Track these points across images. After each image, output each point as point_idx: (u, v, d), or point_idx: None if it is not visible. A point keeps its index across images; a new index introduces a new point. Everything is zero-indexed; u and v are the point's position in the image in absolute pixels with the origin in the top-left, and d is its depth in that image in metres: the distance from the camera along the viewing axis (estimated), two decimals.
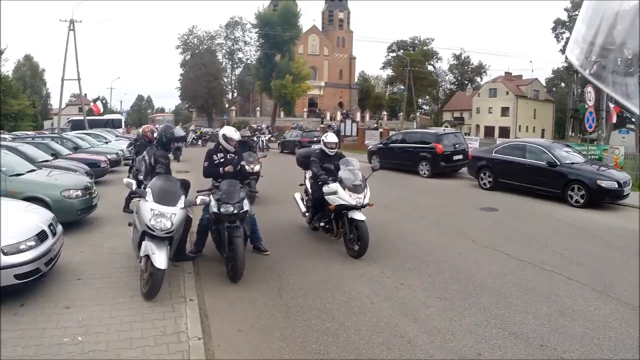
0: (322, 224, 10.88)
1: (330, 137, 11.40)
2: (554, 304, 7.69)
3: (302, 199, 12.44)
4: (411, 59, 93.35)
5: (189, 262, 8.92)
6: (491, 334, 6.52)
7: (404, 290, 8.13)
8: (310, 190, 11.63)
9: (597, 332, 6.70)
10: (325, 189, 10.43)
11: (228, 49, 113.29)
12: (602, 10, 1.79)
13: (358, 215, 9.78)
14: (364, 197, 9.99)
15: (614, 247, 11.49)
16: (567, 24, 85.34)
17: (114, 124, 50.72)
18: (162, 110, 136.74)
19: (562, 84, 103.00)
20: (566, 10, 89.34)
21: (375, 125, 64.67)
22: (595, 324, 6.98)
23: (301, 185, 12.62)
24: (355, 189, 10.00)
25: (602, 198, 16.67)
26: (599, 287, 8.54)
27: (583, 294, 8.23)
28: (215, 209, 8.52)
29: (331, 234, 10.84)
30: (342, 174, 10.32)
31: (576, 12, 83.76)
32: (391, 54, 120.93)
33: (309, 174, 11.85)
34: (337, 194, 10.02)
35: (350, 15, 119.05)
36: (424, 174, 24.52)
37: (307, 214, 11.83)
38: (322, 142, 11.44)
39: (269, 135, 46.32)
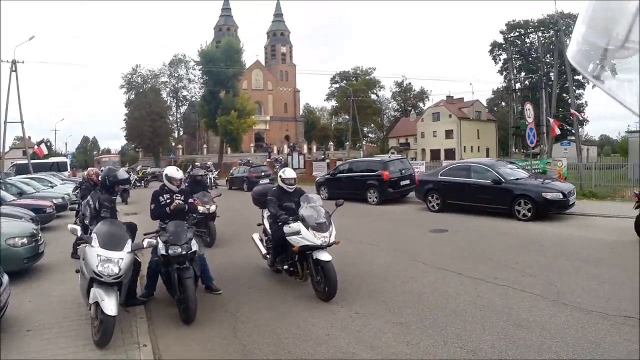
0: (285, 266, 10.12)
1: (288, 173, 10.66)
2: (509, 318, 7.79)
3: (262, 240, 11.67)
4: (354, 89, 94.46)
5: (140, 307, 8.78)
6: (449, 354, 6.57)
7: (359, 319, 8.10)
8: (269, 231, 10.85)
9: (554, 340, 6.84)
10: (286, 229, 9.63)
11: (172, 87, 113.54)
12: (602, 10, 1.81)
13: (323, 256, 9.02)
14: (330, 236, 9.30)
15: (563, 256, 11.88)
16: (503, 45, 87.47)
17: (60, 167, 49.84)
18: (108, 152, 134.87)
19: (503, 103, 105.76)
20: (502, 32, 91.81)
21: (323, 157, 65.16)
22: (551, 332, 7.12)
23: (259, 225, 11.94)
24: (320, 227, 9.29)
25: (548, 209, 17.28)
26: (552, 296, 8.75)
27: (537, 304, 8.40)
28: (163, 251, 8.44)
29: (296, 277, 10.05)
30: (303, 211, 9.64)
31: (511, 34, 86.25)
32: (334, 85, 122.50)
33: (267, 212, 11.20)
34: (300, 234, 9.29)
35: (292, 49, 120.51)
36: (373, 201, 24.77)
37: (268, 256, 11.00)
38: (279, 179, 10.69)
39: (216, 172, 46.20)
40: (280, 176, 10.69)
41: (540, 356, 6.35)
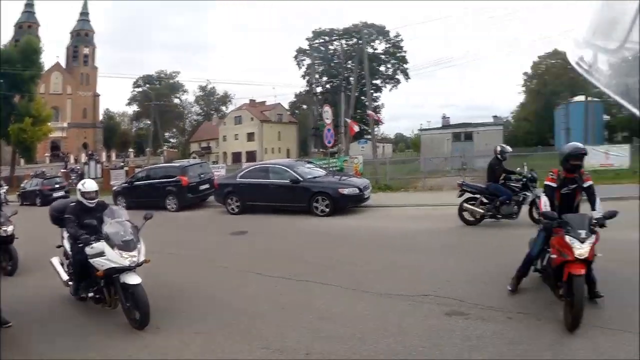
0: (90, 293, 8.44)
1: (88, 185, 8.99)
2: (313, 312, 7.96)
3: (62, 264, 9.74)
4: (157, 93, 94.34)
5: None
6: (255, 356, 6.52)
7: (160, 334, 7.62)
8: (70, 253, 9.19)
9: (357, 327, 7.11)
10: (88, 250, 8.15)
11: None
12: (602, 10, 1.83)
13: (132, 279, 7.77)
14: (139, 254, 8.06)
15: (361, 246, 12.78)
16: (307, 52, 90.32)
17: None
18: None
19: (305, 106, 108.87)
20: (307, 39, 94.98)
21: (122, 164, 64.10)
22: (354, 320, 7.41)
23: (59, 247, 9.91)
24: (127, 246, 7.97)
25: (345, 204, 18.73)
26: (352, 286, 9.10)
27: (338, 295, 8.71)
28: None
29: (103, 304, 8.45)
30: (107, 228, 8.16)
31: (316, 41, 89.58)
32: (137, 89, 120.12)
33: (66, 232, 9.34)
34: (105, 256, 7.87)
35: (95, 50, 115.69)
36: (172, 207, 24.56)
37: (70, 283, 9.11)
38: (78, 193, 8.98)
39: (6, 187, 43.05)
40: (79, 190, 9.00)
41: (346, 344, 6.54)
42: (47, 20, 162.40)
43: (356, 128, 39.74)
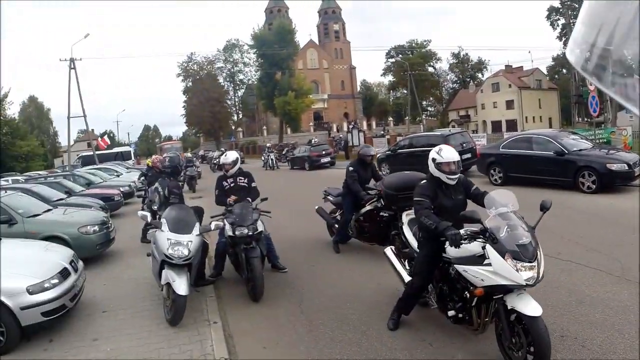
0: (451, 312, 6.11)
1: (447, 154, 6.35)
2: (572, 294, 7.61)
3: (399, 257, 7.72)
4: (410, 63, 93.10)
5: (209, 286, 9.08)
6: None
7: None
8: (413, 245, 7.11)
9: (617, 317, 6.66)
10: (452, 251, 5.90)
11: (228, 72, 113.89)
12: (602, 10, 1.79)
13: (528, 307, 5.19)
14: (539, 267, 5.31)
15: (629, 230, 11.24)
16: (561, 10, 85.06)
17: (124, 157, 51.10)
18: (169, 138, 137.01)
19: (564, 70, 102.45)
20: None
21: (382, 133, 64.71)
22: (614, 309, 6.92)
23: (394, 234, 9.52)
24: (523, 254, 5.21)
25: (613, 181, 16.59)
26: (616, 272, 8.46)
27: (600, 280, 8.15)
28: (230, 233, 8.67)
29: (468, 327, 6.13)
30: (492, 223, 5.55)
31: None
32: (390, 60, 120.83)
33: (406, 217, 7.71)
34: (489, 266, 5.37)
35: (345, 26, 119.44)
36: None
37: (412, 284, 6.67)
38: (433, 164, 6.43)
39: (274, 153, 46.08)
40: (434, 159, 6.42)
41: (602, 333, 6.23)
42: (294, 2, 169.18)
43: None
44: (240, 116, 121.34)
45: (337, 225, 11.69)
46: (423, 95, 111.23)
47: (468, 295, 5.81)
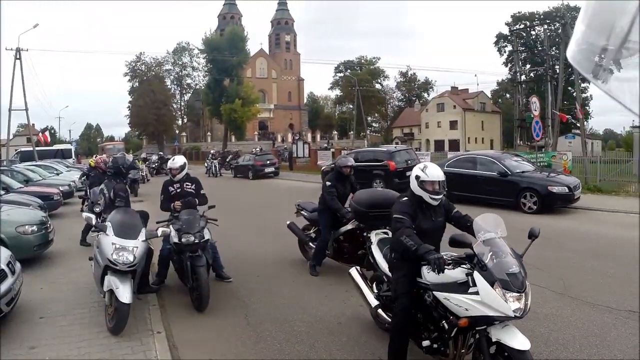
0: (426, 342, 5.69)
1: (432, 172, 5.94)
2: None
3: (364, 278, 7.36)
4: (359, 78, 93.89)
5: (152, 294, 8.84)
6: None
7: None
8: (383, 268, 6.69)
9: (560, 332, 6.93)
10: (432, 277, 5.46)
11: (176, 75, 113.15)
12: (602, 10, 1.78)
13: (516, 342, 4.79)
14: (527, 299, 4.90)
15: (569, 249, 11.83)
16: (509, 37, 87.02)
17: (64, 154, 49.92)
18: (112, 139, 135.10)
19: (508, 95, 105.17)
20: (507, 24, 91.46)
21: (327, 146, 64.97)
22: (558, 324, 7.21)
23: (360, 252, 9.39)
24: (514, 283, 4.82)
25: (554, 203, 17.21)
26: (559, 289, 8.78)
27: (545, 296, 8.39)
28: (176, 239, 8.47)
29: (442, 357, 5.61)
30: (479, 249, 5.12)
31: (517, 26, 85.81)
32: (339, 74, 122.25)
33: (376, 237, 7.33)
34: (476, 295, 4.93)
35: (296, 38, 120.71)
36: None
37: (380, 312, 6.77)
38: (415, 181, 5.96)
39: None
40: (417, 177, 5.94)
41: (548, 347, 6.45)
42: (248, 10, 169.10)
43: (568, 117, 37.04)
44: (185, 121, 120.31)
45: (311, 244, 11.00)
46: (369, 111, 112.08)
47: (446, 325, 5.36)
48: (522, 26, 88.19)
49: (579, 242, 12.81)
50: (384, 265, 6.65)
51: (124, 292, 6.92)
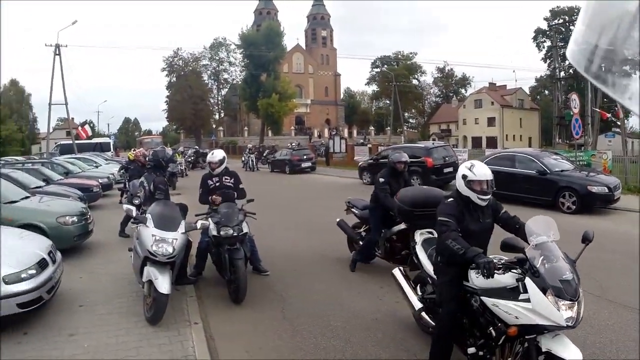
0: (471, 349, 5.36)
1: (479, 170, 5.58)
2: None
3: (407, 277, 7.19)
4: (395, 74, 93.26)
5: (190, 286, 8.90)
6: None
7: (405, 305, 7.38)
8: (427, 270, 6.46)
9: (597, 335, 6.78)
10: (480, 281, 5.18)
11: (213, 70, 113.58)
12: (602, 10, 1.79)
13: (568, 352, 4.53)
14: (580, 307, 4.59)
15: (608, 251, 11.38)
16: (547, 32, 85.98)
17: (103, 148, 50.66)
18: (149, 132, 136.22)
19: (546, 92, 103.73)
20: (546, 19, 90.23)
21: (363, 141, 64.76)
22: (595, 327, 7.04)
23: (404, 254, 9.14)
24: (567, 291, 4.51)
25: (593, 203, 16.82)
26: (596, 292, 8.54)
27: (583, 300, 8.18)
28: (214, 232, 8.52)
29: None
30: (531, 253, 4.77)
31: (555, 21, 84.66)
32: (375, 70, 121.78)
33: (420, 236, 7.15)
34: (530, 304, 4.59)
35: (332, 33, 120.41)
36: None
37: (424, 315, 6.51)
38: (462, 182, 5.63)
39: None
40: (464, 176, 5.61)
41: (584, 350, 5.96)
42: (283, 6, 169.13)
43: (609, 116, 36.43)
44: (222, 115, 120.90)
45: (361, 243, 10.40)
46: (406, 106, 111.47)
47: (494, 332, 5.07)
48: (561, 21, 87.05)
49: (618, 243, 12.32)
50: (428, 266, 6.43)
51: (163, 283, 6.98)
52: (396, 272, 7.23)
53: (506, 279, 4.89)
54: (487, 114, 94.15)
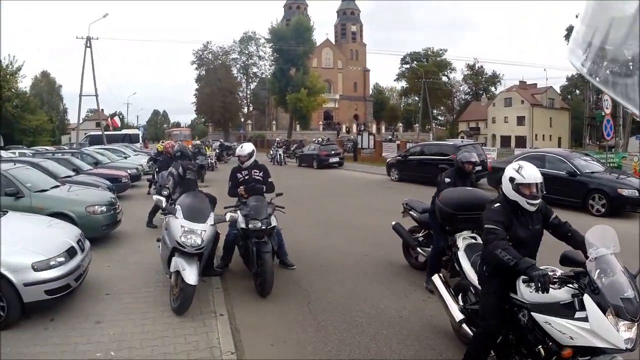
0: None
1: (528, 172, 5.36)
2: None
3: (447, 285, 6.64)
4: (425, 70, 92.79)
5: (216, 277, 8.93)
6: None
7: (431, 303, 7.82)
8: (471, 279, 6.05)
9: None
10: (531, 295, 4.79)
11: (242, 64, 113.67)
12: (602, 11, 1.80)
13: None
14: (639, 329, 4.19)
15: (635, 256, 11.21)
16: None
17: (131, 139, 50.93)
18: (177, 125, 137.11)
19: (577, 92, 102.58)
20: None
21: (391, 137, 64.56)
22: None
23: (442, 257, 8.53)
24: (628, 310, 4.11)
25: (623, 207, 16.53)
26: None
27: None
28: (243, 225, 8.54)
29: None
30: (592, 265, 4.42)
31: None
32: (405, 66, 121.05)
33: (463, 241, 6.86)
34: (588, 324, 4.22)
35: (362, 28, 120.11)
36: None
37: (465, 327, 6.05)
38: (508, 184, 5.34)
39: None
40: (512, 179, 5.31)
41: None
42: (314, 1, 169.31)
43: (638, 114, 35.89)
44: (251, 109, 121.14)
45: (419, 249, 9.69)
46: (435, 103, 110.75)
47: (543, 351, 4.67)
48: None
49: None
50: (471, 275, 6.02)
51: (190, 274, 7.00)
52: (436, 279, 6.76)
53: (560, 293, 4.53)
54: (517, 113, 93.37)
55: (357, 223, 14.55)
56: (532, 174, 5.24)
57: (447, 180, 8.93)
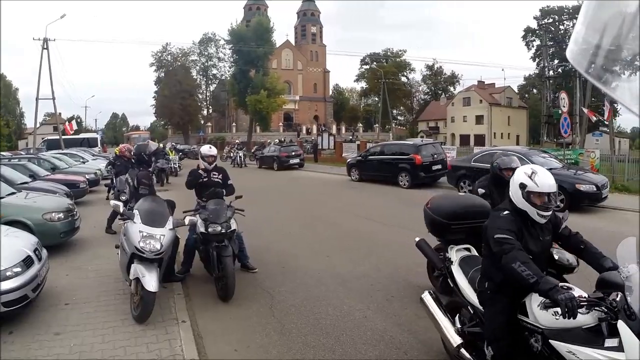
0: None
1: (542, 178, 4.68)
2: None
3: (440, 303, 5.92)
4: (385, 71, 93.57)
5: (177, 283, 8.81)
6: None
7: (395, 302, 8.00)
8: (469, 297, 5.44)
9: None
10: (548, 319, 4.24)
11: (202, 66, 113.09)
12: (602, 10, 1.79)
13: None
14: None
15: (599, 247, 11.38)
16: (537, 32, 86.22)
17: (90, 143, 50.20)
18: (137, 128, 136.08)
19: (535, 90, 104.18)
20: (535, 18, 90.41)
21: (352, 138, 64.76)
22: None
23: (439, 274, 6.80)
24: None
25: (581, 201, 16.83)
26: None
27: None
28: (202, 229, 8.46)
29: None
30: (628, 282, 3.84)
31: (545, 20, 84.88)
32: (364, 67, 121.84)
33: (457, 254, 6.16)
34: (623, 354, 3.57)
35: (322, 30, 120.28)
36: (404, 184, 24.52)
37: (462, 350, 5.34)
38: (521, 190, 4.67)
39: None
40: (522, 186, 4.67)
41: None
42: (273, 1, 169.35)
43: (593, 119, 36.63)
44: (211, 111, 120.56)
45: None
46: (394, 103, 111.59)
47: None
48: (550, 20, 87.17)
49: (606, 242, 12.19)
50: (469, 292, 5.40)
51: (150, 281, 6.89)
52: (426, 297, 6.01)
53: (583, 317, 3.92)
54: (476, 112, 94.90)
55: (318, 224, 14.57)
56: (546, 181, 4.61)
57: (481, 190, 8.14)
